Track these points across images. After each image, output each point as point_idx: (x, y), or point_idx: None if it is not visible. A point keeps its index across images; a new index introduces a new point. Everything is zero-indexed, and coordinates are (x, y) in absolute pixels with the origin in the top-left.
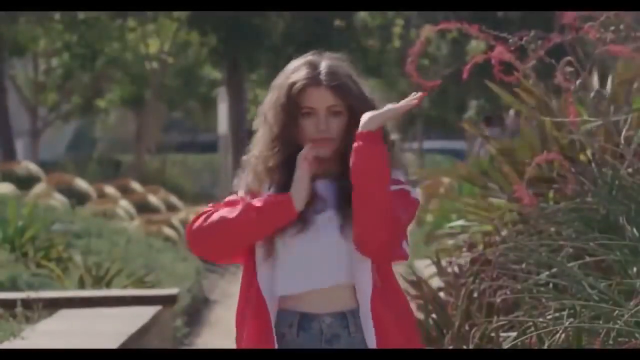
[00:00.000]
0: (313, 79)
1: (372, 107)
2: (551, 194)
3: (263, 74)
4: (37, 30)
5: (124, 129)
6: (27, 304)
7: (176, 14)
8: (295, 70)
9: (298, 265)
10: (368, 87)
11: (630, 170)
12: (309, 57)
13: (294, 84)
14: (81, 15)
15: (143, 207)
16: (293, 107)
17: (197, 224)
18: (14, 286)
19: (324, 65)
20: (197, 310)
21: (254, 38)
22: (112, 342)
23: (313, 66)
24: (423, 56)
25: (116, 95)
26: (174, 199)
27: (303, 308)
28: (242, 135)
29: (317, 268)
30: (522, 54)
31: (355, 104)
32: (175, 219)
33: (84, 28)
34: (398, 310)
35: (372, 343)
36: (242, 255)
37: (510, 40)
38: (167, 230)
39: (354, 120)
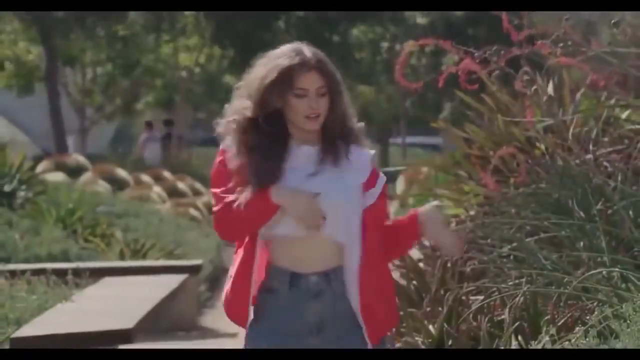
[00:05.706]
0: (305, 64)
1: (342, 88)
2: (512, 180)
3: None
4: (86, 44)
5: (156, 127)
6: (76, 272)
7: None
8: (284, 55)
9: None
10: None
11: (577, 161)
12: (293, 45)
13: (288, 67)
14: (122, 32)
15: (173, 192)
16: (285, 87)
17: (219, 219)
18: (65, 258)
19: (310, 52)
20: (217, 278)
21: (264, 51)
22: (147, 304)
23: (302, 53)
24: (406, 66)
25: (151, 98)
26: (198, 185)
27: (295, 268)
28: None
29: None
30: (488, 65)
31: (334, 86)
32: (199, 202)
33: (124, 43)
34: (380, 274)
35: (355, 300)
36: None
37: (476, 54)
38: (193, 212)
39: (333, 98)
